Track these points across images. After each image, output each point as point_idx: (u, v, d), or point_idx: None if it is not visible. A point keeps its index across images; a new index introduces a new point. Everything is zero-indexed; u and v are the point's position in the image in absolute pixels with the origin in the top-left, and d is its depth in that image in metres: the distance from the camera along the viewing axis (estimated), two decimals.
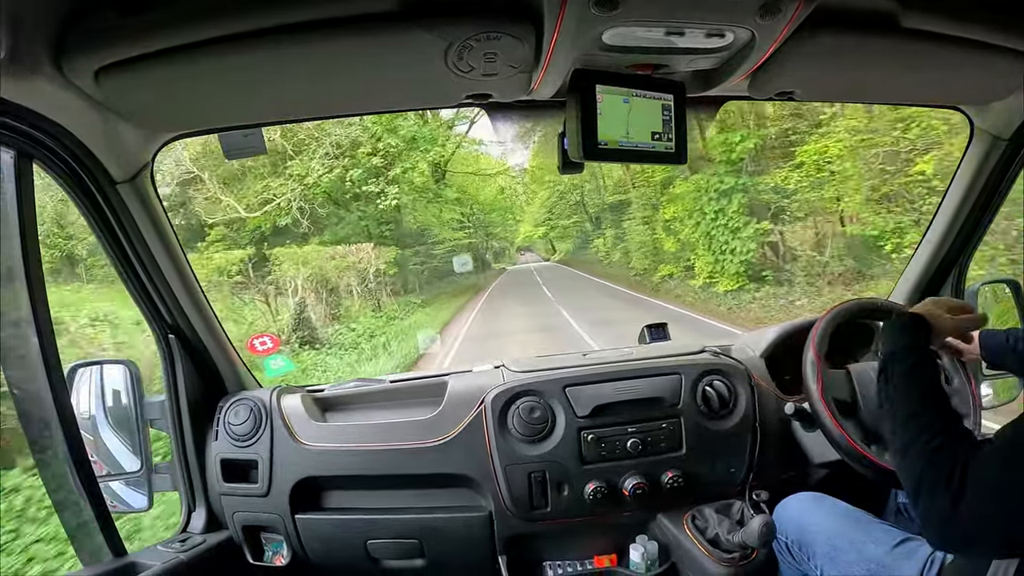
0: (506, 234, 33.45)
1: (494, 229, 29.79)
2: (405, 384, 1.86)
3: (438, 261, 19.35)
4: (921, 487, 0.94)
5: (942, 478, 0.90)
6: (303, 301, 11.98)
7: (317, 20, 0.92)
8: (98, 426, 1.60)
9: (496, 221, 29.22)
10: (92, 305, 7.15)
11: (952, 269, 1.87)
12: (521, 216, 32.89)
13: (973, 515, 0.88)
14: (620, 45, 1.06)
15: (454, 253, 19.03)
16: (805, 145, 12.09)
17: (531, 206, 32.57)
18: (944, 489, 0.90)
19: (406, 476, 1.66)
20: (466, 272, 19.82)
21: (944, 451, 0.93)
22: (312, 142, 14.52)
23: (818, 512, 1.46)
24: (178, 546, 1.56)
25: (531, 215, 33.02)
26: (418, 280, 17.71)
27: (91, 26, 0.90)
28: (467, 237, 23.04)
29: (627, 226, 20.39)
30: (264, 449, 1.65)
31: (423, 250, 18.58)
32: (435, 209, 19.94)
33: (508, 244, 38.07)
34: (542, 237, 37.38)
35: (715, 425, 1.68)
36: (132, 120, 1.21)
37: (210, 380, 1.73)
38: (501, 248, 36.63)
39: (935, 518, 0.92)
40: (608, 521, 1.69)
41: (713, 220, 13.64)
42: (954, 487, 0.89)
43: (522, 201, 31.62)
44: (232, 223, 14.01)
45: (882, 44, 1.13)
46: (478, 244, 25.72)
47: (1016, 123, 1.54)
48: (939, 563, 1.18)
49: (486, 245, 29.19)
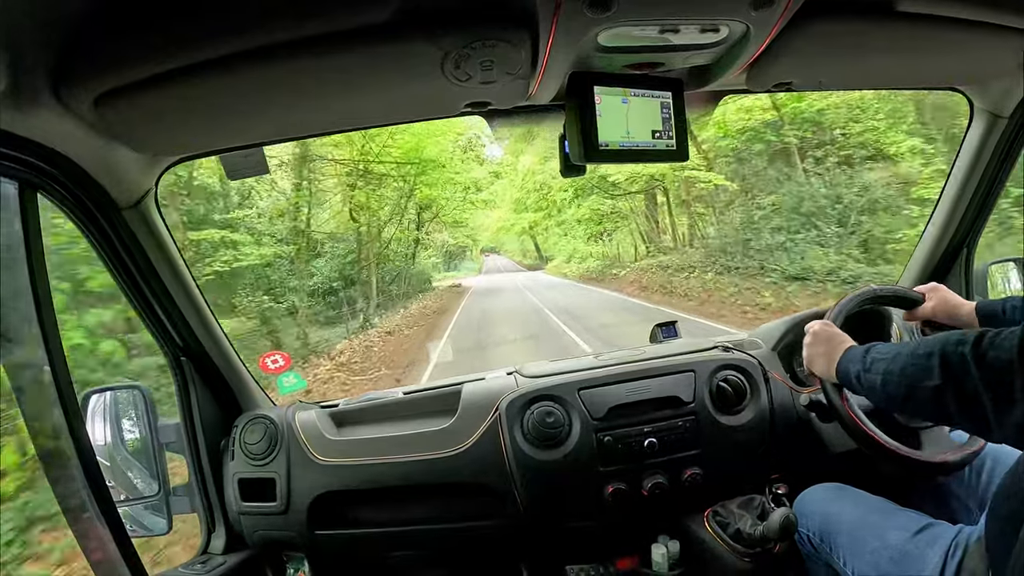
0: (455, 217, 22.87)
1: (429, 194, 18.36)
2: (418, 395, 1.85)
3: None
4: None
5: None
6: None
7: (312, 36, 0.92)
8: (114, 452, 1.60)
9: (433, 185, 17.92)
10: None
11: (960, 250, 1.86)
12: (487, 194, 23.41)
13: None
14: (616, 45, 1.07)
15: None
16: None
17: (509, 182, 23.92)
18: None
19: (424, 487, 1.65)
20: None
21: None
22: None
23: (839, 502, 1.45)
24: (199, 568, 1.56)
25: (511, 194, 24.77)
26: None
27: (88, 54, 0.90)
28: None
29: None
30: (281, 467, 1.65)
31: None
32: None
33: (468, 240, 29.54)
34: (524, 233, 30.08)
35: (731, 420, 1.67)
36: (133, 145, 1.21)
37: (224, 400, 1.74)
38: (455, 249, 29.52)
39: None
40: (629, 522, 1.69)
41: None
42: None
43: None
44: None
45: (878, 29, 1.13)
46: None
47: (1015, 100, 1.54)
48: (963, 547, 1.17)
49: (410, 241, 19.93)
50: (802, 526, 1.46)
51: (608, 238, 24.15)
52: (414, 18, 0.92)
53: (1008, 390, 0.87)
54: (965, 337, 0.94)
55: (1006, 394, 0.87)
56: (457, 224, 24.52)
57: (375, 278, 15.51)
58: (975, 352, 0.92)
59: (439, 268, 29.18)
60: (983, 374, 0.90)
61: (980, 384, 0.90)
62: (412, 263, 20.44)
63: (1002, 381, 0.88)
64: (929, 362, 0.98)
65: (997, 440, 0.98)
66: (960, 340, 0.95)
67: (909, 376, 1.03)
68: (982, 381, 0.90)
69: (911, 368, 1.03)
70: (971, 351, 0.92)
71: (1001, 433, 0.93)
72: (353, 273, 14.72)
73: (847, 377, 1.24)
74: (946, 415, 1.00)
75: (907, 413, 1.36)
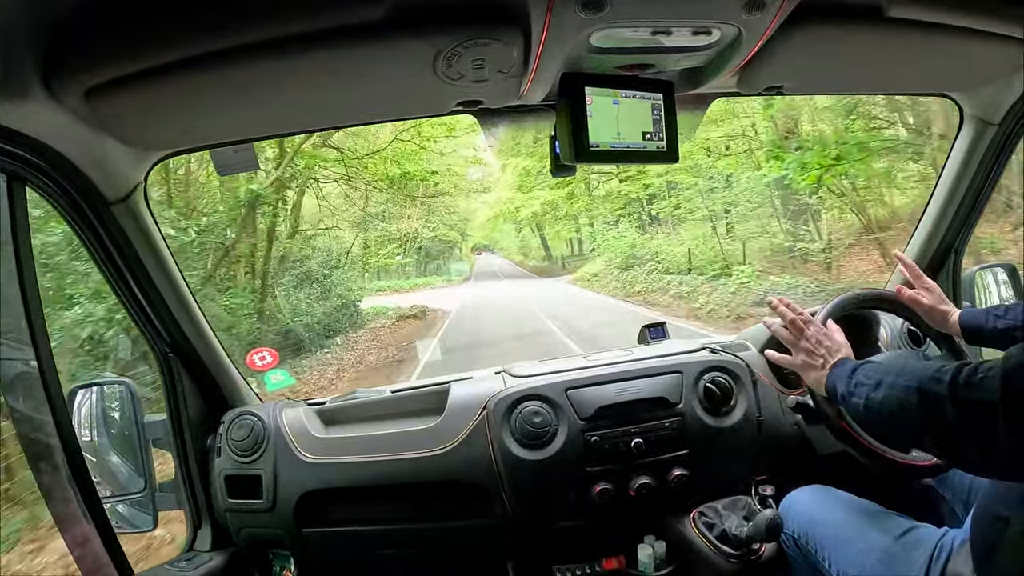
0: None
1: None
2: (406, 394, 1.85)
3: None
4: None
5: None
6: None
7: (305, 33, 0.92)
8: (100, 447, 1.59)
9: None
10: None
11: (948, 255, 1.88)
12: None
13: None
14: (608, 47, 1.07)
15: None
16: None
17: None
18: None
19: (411, 486, 1.65)
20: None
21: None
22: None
23: (824, 504, 1.46)
24: (185, 565, 1.55)
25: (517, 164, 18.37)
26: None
27: (80, 47, 0.89)
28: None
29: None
30: (268, 464, 1.65)
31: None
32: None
33: (458, 236, 23.19)
34: (525, 224, 22.96)
35: (718, 422, 1.68)
36: (123, 139, 1.21)
37: (211, 397, 1.73)
38: (441, 247, 22.44)
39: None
40: (615, 522, 1.69)
41: None
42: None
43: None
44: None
45: (869, 35, 1.14)
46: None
47: (1005, 107, 1.55)
48: (948, 550, 1.18)
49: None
50: (788, 527, 1.46)
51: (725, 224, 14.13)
52: (407, 16, 0.92)
53: (990, 432, 0.87)
54: (942, 374, 0.94)
55: (988, 435, 0.87)
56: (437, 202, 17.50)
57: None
58: (952, 392, 0.91)
59: (407, 274, 23.38)
60: (961, 414, 0.90)
61: (960, 426, 0.91)
62: (330, 276, 12.62)
63: (984, 423, 0.88)
64: (908, 396, 0.99)
65: (976, 473, 0.98)
66: (937, 378, 0.95)
67: (889, 409, 1.04)
68: (962, 423, 0.90)
69: (892, 401, 1.04)
70: (948, 391, 0.92)
71: (982, 468, 0.94)
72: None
73: (833, 393, 1.25)
74: (922, 447, 1.02)
75: (890, 445, 1.36)
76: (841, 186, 10.74)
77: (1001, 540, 1.02)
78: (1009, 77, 1.43)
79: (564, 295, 18.20)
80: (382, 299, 16.87)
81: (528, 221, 22.96)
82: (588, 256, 22.55)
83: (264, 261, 10.66)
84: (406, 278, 22.57)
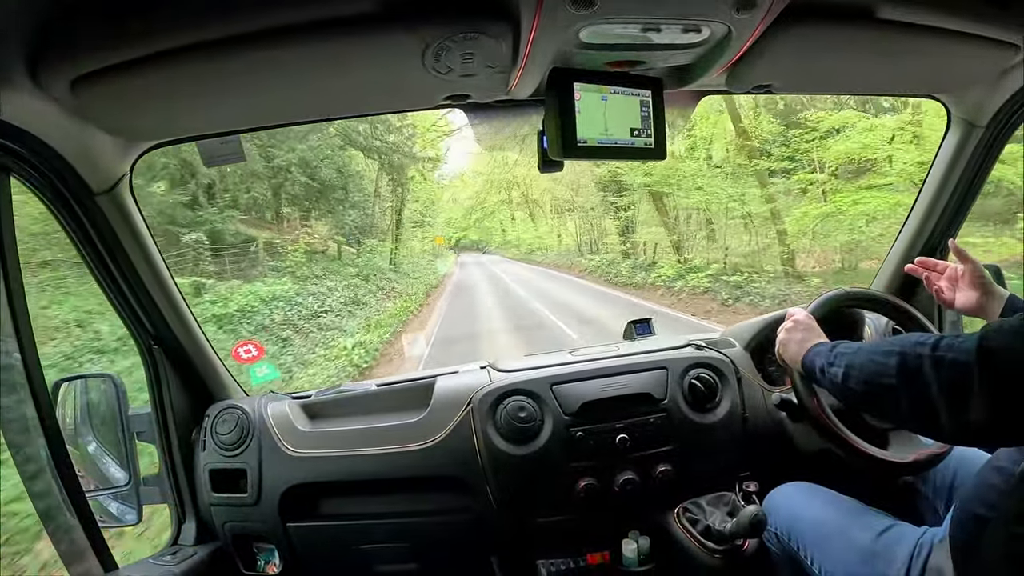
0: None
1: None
2: (391, 388, 1.84)
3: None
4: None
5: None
6: None
7: (293, 24, 0.91)
8: (84, 441, 1.58)
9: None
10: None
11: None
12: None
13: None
14: (597, 43, 1.07)
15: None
16: None
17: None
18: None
19: (396, 480, 1.65)
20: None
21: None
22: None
23: (807, 501, 1.47)
24: (169, 559, 1.54)
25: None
26: None
27: (67, 36, 0.89)
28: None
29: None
30: (252, 458, 1.64)
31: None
32: None
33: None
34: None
35: (702, 418, 1.69)
36: (109, 130, 1.20)
37: (195, 390, 1.72)
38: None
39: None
40: (600, 517, 1.70)
41: None
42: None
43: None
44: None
45: (859, 36, 1.14)
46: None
47: (992, 110, 1.56)
48: (928, 547, 1.19)
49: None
50: (771, 524, 1.47)
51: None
52: (396, 8, 0.92)
53: (963, 392, 0.88)
54: (925, 339, 0.96)
55: (961, 395, 0.89)
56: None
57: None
58: (932, 354, 0.93)
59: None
60: (939, 375, 0.92)
61: (935, 385, 0.92)
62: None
63: (958, 383, 0.89)
64: (888, 360, 1.00)
65: (947, 440, 0.99)
66: (920, 342, 0.97)
67: (868, 372, 1.05)
68: (937, 382, 0.92)
69: (871, 365, 1.05)
70: (929, 352, 0.94)
71: (953, 433, 0.95)
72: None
73: (812, 368, 1.25)
74: (898, 414, 1.02)
75: (864, 410, 1.37)
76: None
77: (980, 538, 1.03)
78: (996, 80, 1.44)
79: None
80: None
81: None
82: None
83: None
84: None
